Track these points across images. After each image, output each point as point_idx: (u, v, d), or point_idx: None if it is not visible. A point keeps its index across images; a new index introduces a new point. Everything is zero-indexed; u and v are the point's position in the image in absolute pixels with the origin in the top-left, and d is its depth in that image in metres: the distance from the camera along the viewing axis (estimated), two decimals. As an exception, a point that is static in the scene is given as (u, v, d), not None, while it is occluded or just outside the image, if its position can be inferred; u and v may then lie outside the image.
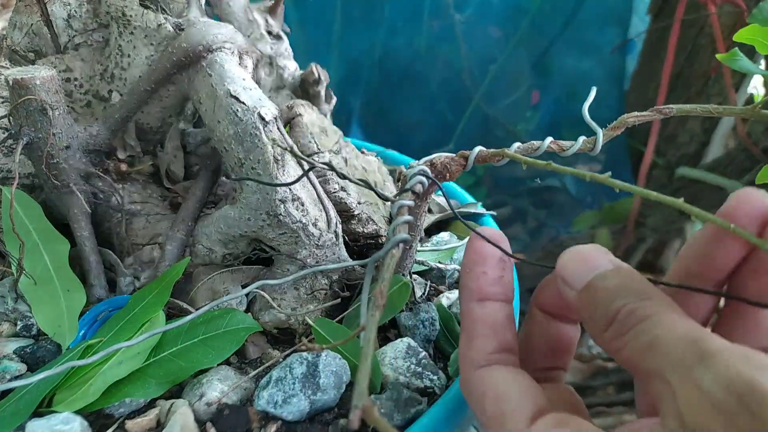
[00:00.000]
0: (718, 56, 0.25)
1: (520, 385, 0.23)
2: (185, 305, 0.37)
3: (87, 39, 0.40)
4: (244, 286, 0.40)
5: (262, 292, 0.37)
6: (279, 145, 0.28)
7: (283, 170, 0.36)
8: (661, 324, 0.19)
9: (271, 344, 0.37)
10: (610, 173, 0.26)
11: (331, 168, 0.25)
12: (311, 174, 0.39)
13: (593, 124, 0.29)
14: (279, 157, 0.36)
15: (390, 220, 0.45)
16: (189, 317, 0.31)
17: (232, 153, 0.36)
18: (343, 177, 0.27)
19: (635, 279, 0.21)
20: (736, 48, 0.24)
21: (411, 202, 0.26)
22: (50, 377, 0.30)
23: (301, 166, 0.38)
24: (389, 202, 0.43)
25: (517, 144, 0.29)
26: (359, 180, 0.27)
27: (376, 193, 0.27)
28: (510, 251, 0.26)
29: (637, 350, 0.19)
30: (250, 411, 0.31)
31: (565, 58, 1.09)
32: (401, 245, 0.23)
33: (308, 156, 0.39)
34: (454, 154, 0.30)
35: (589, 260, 0.23)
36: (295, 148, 0.24)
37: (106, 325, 0.34)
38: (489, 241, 0.25)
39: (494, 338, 0.24)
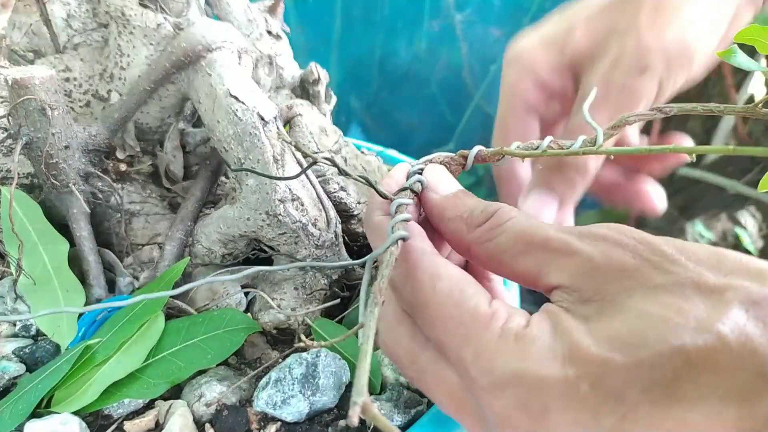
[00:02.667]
0: (717, 53, 0.25)
1: (473, 278, 0.23)
2: (184, 305, 0.37)
3: (86, 39, 0.40)
4: (243, 287, 0.40)
5: (261, 292, 0.37)
6: (284, 140, 0.28)
7: (283, 170, 0.36)
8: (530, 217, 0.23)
9: (271, 345, 0.37)
10: (601, 143, 0.26)
11: (334, 164, 0.25)
12: (311, 174, 0.39)
13: (593, 123, 0.29)
14: (278, 157, 0.36)
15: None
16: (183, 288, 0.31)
17: (232, 153, 0.36)
18: (345, 174, 0.27)
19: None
20: (735, 44, 0.24)
21: (410, 201, 0.26)
22: (49, 378, 0.30)
23: (301, 165, 0.38)
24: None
25: (516, 143, 0.29)
26: (360, 176, 0.27)
27: (376, 190, 0.27)
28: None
29: (513, 235, 0.23)
30: (249, 412, 0.30)
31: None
32: (400, 242, 0.23)
33: (305, 156, 0.39)
34: (453, 154, 0.30)
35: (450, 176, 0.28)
36: (299, 144, 0.24)
37: (106, 326, 0.34)
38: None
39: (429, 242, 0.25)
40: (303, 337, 0.22)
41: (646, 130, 1.02)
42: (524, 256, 0.22)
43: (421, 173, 0.28)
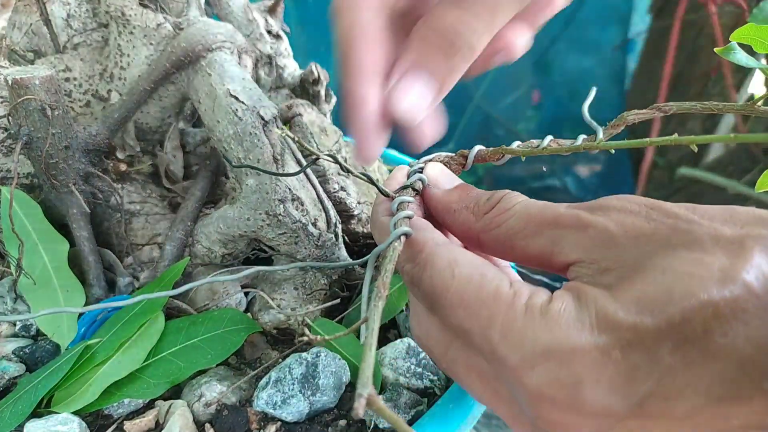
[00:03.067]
0: (716, 50, 0.25)
1: (490, 263, 0.23)
2: (184, 305, 0.37)
3: (86, 39, 0.40)
4: (243, 287, 0.39)
5: (261, 292, 0.37)
6: (289, 136, 0.28)
7: (283, 170, 0.36)
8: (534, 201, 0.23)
9: (270, 345, 0.37)
10: (602, 138, 0.26)
11: (336, 160, 0.25)
12: (311, 174, 0.39)
13: (593, 123, 0.29)
14: (278, 157, 0.36)
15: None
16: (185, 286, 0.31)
17: (232, 153, 0.36)
18: (348, 171, 0.27)
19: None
20: (734, 42, 0.24)
21: (412, 198, 0.26)
22: (49, 378, 0.30)
23: (301, 165, 0.38)
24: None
25: (517, 142, 0.29)
26: (361, 174, 0.27)
27: (378, 188, 0.27)
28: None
29: (524, 218, 0.22)
30: (249, 412, 0.30)
31: (566, 57, 1.09)
32: (402, 238, 0.23)
33: (307, 156, 0.39)
34: (453, 153, 0.30)
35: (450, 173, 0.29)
36: (302, 141, 0.24)
37: (105, 326, 0.34)
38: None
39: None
40: (306, 330, 0.22)
41: (644, 129, 1.02)
42: (536, 237, 0.22)
43: (421, 172, 0.28)
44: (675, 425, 0.17)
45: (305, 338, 0.22)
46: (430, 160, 0.30)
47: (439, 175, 0.28)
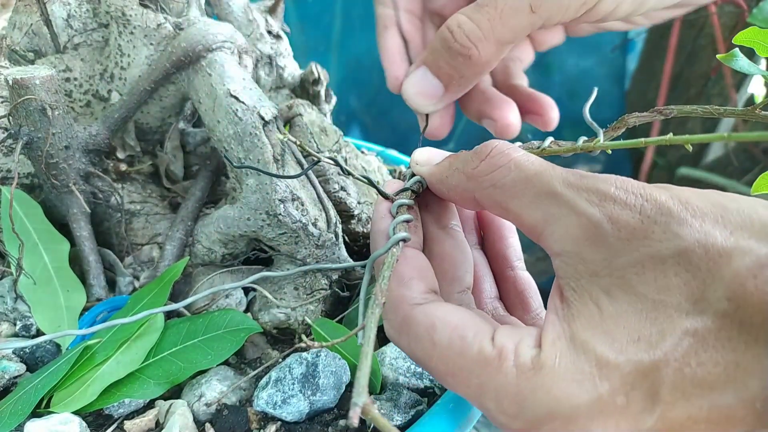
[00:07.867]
0: (718, 56, 0.25)
1: (469, 313, 0.22)
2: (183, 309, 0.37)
3: (87, 39, 0.40)
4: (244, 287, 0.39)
5: (262, 289, 0.37)
6: (290, 139, 0.28)
7: (283, 170, 0.36)
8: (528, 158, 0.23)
9: (271, 344, 0.37)
10: (602, 138, 0.26)
11: (336, 163, 0.25)
12: (311, 174, 0.39)
13: (594, 125, 0.29)
14: (279, 157, 0.36)
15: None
16: (188, 300, 0.31)
17: (232, 153, 0.36)
18: (348, 173, 0.27)
19: None
20: (736, 48, 0.24)
21: (410, 201, 0.26)
22: (49, 377, 0.30)
23: (301, 165, 0.38)
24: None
25: (517, 143, 0.29)
26: (362, 176, 0.27)
27: (377, 189, 0.27)
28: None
29: (520, 181, 0.22)
30: (249, 411, 0.30)
31: (566, 58, 1.09)
32: (401, 243, 0.23)
33: (307, 156, 0.39)
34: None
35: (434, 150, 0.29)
36: (303, 143, 0.24)
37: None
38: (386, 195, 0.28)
39: (423, 280, 0.24)
40: (304, 337, 0.22)
41: (644, 130, 1.02)
42: (531, 208, 0.21)
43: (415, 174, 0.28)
44: None
45: (303, 344, 0.22)
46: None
47: (430, 156, 0.28)
